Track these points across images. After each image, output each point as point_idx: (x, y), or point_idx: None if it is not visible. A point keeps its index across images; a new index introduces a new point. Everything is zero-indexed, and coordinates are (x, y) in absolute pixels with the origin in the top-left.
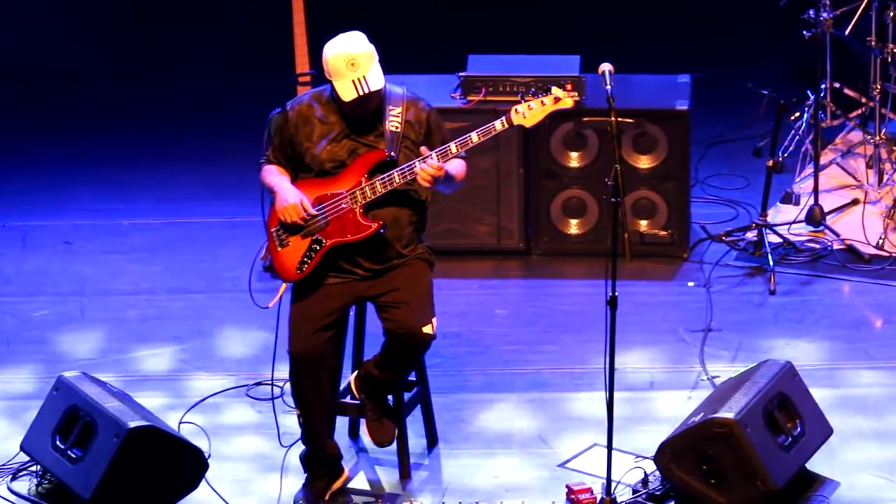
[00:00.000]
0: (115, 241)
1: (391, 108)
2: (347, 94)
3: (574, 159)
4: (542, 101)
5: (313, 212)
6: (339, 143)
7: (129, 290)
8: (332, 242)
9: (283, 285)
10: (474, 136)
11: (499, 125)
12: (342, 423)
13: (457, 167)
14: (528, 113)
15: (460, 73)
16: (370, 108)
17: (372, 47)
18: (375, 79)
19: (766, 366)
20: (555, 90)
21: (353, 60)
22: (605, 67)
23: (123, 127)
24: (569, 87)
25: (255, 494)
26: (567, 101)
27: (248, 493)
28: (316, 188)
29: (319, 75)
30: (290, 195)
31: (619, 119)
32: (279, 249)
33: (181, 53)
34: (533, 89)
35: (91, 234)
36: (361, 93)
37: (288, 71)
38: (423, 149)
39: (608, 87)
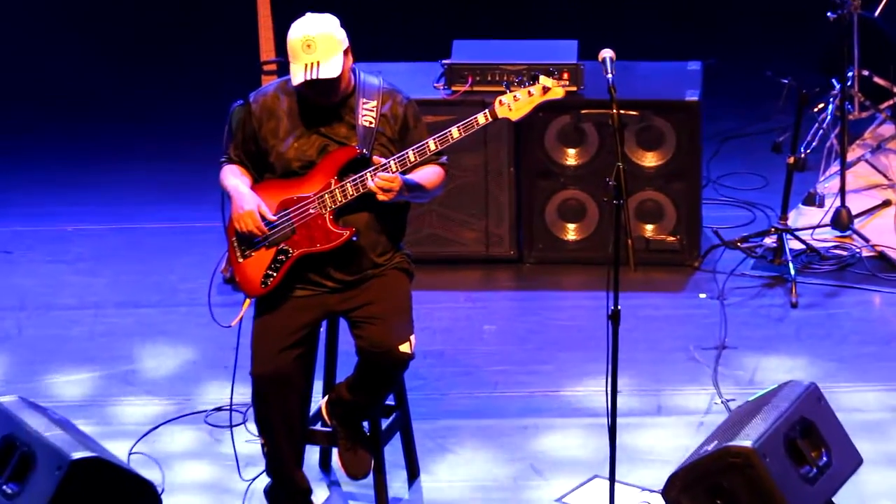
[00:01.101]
0: (57, 249)
1: (365, 100)
2: (296, 77)
3: (571, 156)
4: (528, 92)
5: (272, 218)
6: (308, 139)
7: (73, 305)
8: (299, 252)
9: (247, 301)
10: (455, 132)
11: (482, 119)
12: (312, 452)
13: (428, 176)
14: (514, 105)
15: (444, 61)
16: (326, 98)
17: (338, 33)
18: (330, 67)
19: (788, 388)
20: (543, 79)
21: (309, 42)
22: (606, 54)
23: (66, 120)
24: (564, 75)
25: None
26: (557, 91)
27: None
28: (280, 191)
29: (286, 63)
30: (246, 201)
31: (622, 111)
32: (241, 261)
33: (131, 36)
34: (520, 78)
35: (31, 242)
36: (308, 78)
37: (252, 58)
38: (376, 158)
39: (609, 75)
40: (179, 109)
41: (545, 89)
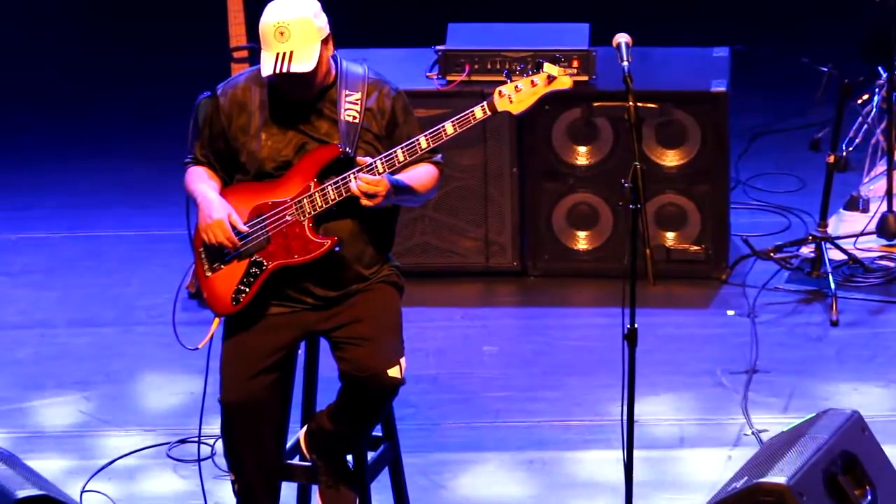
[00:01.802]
0: (0, 260)
1: (348, 92)
2: (265, 67)
3: (582, 155)
4: (532, 81)
5: (244, 228)
6: (284, 137)
7: (19, 323)
8: (275, 265)
9: (216, 320)
10: (449, 127)
11: (479, 112)
12: (289, 490)
13: (419, 176)
14: (516, 96)
15: (438, 47)
16: (301, 92)
17: (317, 20)
18: (304, 60)
19: (828, 417)
20: (548, 67)
21: (283, 28)
22: (622, 39)
23: (8, 113)
24: (574, 63)
25: None
26: (565, 81)
27: None
28: (253, 195)
29: (259, 50)
30: (215, 209)
31: (639, 104)
32: (209, 275)
33: (81, 17)
34: (522, 65)
35: None
36: (278, 71)
37: (220, 45)
38: (360, 158)
39: (625, 63)
40: (138, 101)
41: (551, 79)
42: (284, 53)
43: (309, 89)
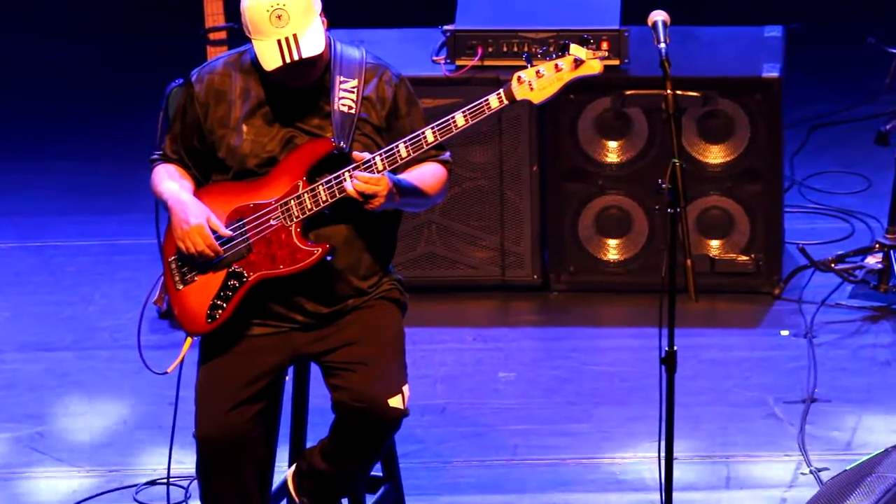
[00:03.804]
0: None
1: (343, 79)
2: (269, 60)
3: (612, 151)
4: (556, 66)
5: (227, 233)
6: (269, 129)
7: None
8: (257, 276)
9: (188, 340)
10: (460, 119)
11: (494, 101)
12: None
13: (425, 176)
14: (537, 83)
15: (446, 27)
16: (306, 80)
17: None
18: (312, 41)
19: None
20: (575, 49)
21: (279, 11)
22: (658, 17)
23: None
24: (603, 45)
25: None
26: (594, 66)
27: None
28: (233, 197)
29: (239, 31)
30: (191, 213)
31: (679, 92)
32: (180, 288)
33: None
34: (544, 48)
35: None
36: (288, 60)
37: (194, 26)
38: (356, 154)
39: (662, 45)
40: (100, 91)
41: (578, 62)
42: (287, 38)
43: (315, 74)
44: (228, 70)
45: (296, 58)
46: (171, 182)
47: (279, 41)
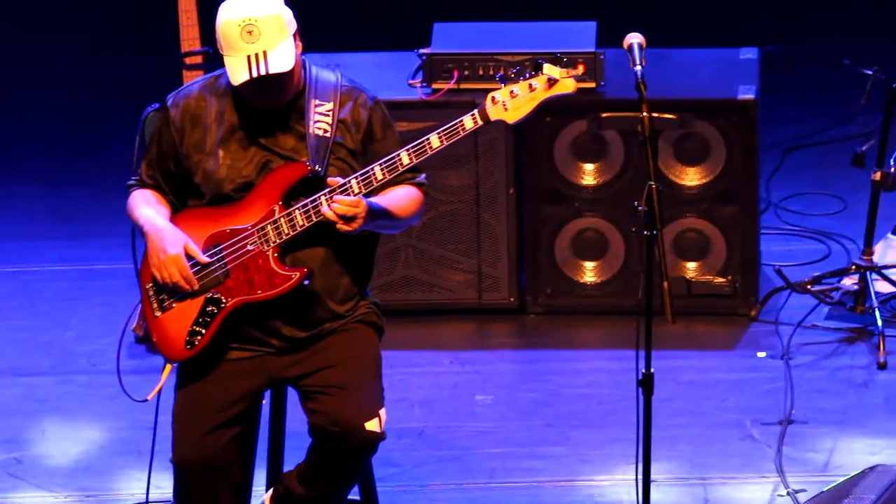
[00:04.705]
0: None
1: (318, 102)
2: (238, 74)
3: (589, 174)
4: (529, 85)
5: (204, 259)
6: (244, 153)
7: None
8: (235, 302)
9: (167, 367)
10: (434, 140)
11: (469, 122)
12: None
13: (399, 199)
14: (511, 102)
15: (422, 50)
16: (275, 101)
17: (285, 12)
18: (281, 58)
19: (875, 474)
20: (548, 68)
21: (250, 27)
22: (634, 39)
23: None
24: (579, 67)
25: None
26: (567, 84)
27: None
28: (209, 222)
29: (216, 56)
30: (168, 241)
31: (655, 115)
32: (158, 314)
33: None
34: (518, 68)
35: None
36: (255, 74)
37: (171, 50)
38: (330, 180)
39: (638, 67)
40: (77, 115)
41: (552, 82)
42: (257, 54)
43: (285, 94)
44: (204, 94)
45: (263, 73)
46: (147, 208)
47: (248, 56)
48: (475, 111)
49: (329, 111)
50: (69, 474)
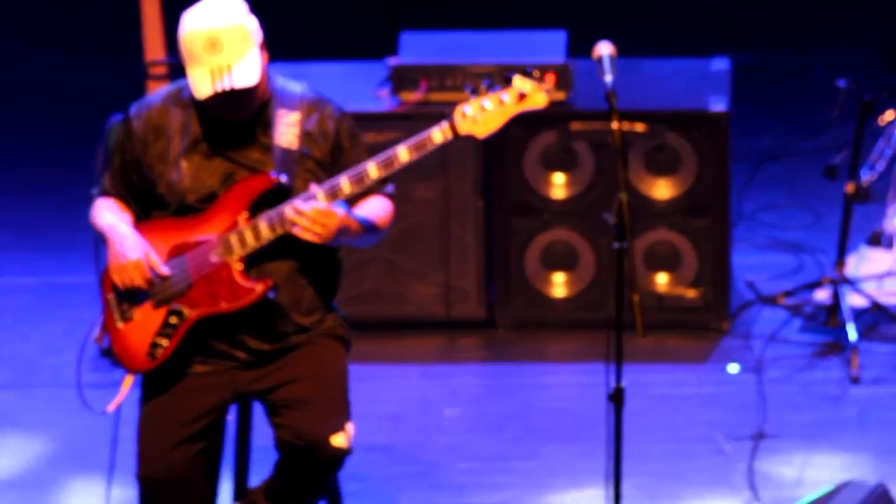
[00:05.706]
0: None
1: (284, 112)
2: (201, 88)
3: (559, 186)
4: (499, 99)
5: (165, 271)
6: (209, 165)
7: None
8: (198, 314)
9: (129, 378)
10: (402, 153)
11: (438, 135)
12: None
13: (377, 211)
14: (481, 116)
15: (390, 61)
16: (239, 113)
17: (249, 22)
18: (246, 72)
19: (848, 490)
20: (518, 81)
21: (214, 40)
22: (604, 49)
23: None
24: (549, 78)
25: None
26: (538, 99)
27: None
28: (173, 233)
29: (180, 67)
30: (129, 247)
31: (625, 126)
32: (120, 325)
33: None
34: (488, 81)
35: None
36: (220, 89)
37: (134, 59)
38: (313, 187)
39: (608, 78)
40: (40, 126)
41: (522, 96)
42: (221, 68)
43: (250, 106)
44: (167, 105)
45: (227, 87)
46: (110, 214)
47: (212, 70)
48: (445, 124)
49: (296, 122)
50: (28, 488)
